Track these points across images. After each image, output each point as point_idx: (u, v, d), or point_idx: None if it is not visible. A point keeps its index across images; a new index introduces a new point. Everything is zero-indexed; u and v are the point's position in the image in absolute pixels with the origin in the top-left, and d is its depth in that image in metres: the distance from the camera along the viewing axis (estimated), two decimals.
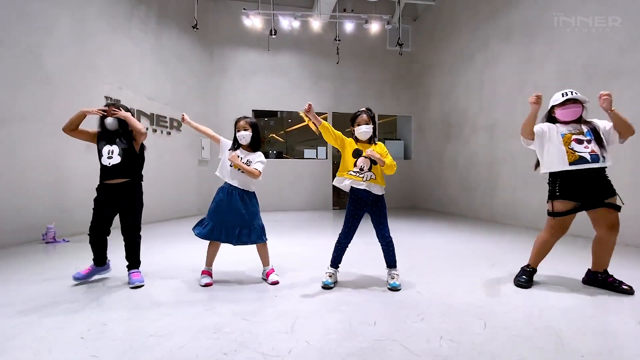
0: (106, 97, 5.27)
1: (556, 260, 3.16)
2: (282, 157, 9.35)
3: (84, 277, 2.57)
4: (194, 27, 6.68)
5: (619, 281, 2.36)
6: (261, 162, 2.64)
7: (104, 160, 2.56)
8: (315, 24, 7.80)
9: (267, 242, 2.70)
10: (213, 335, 1.70)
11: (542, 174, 2.54)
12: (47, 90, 4.47)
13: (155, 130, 6.37)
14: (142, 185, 2.72)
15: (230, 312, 2.00)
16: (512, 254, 3.57)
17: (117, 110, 2.62)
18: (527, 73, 5.48)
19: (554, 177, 2.45)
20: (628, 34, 4.02)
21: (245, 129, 2.63)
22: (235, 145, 2.67)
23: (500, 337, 1.68)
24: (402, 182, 8.98)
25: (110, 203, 2.57)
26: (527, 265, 2.59)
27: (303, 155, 9.38)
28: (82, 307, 2.09)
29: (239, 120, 2.68)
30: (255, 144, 2.69)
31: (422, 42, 9.09)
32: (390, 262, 2.57)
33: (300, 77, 8.89)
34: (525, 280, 2.49)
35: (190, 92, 7.54)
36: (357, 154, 2.49)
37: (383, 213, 2.52)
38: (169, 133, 6.77)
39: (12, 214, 4.05)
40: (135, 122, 2.63)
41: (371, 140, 2.58)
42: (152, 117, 6.31)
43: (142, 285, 2.51)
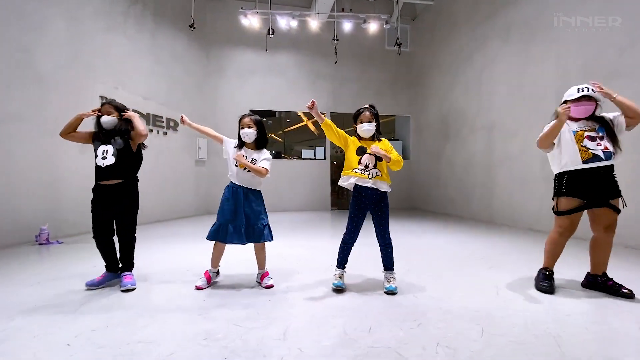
0: (101, 97, 5.22)
1: (558, 263, 3.12)
2: (281, 157, 9.31)
3: (97, 284, 2.49)
4: (190, 27, 6.62)
5: (619, 285, 2.32)
6: (267, 159, 2.58)
7: (98, 160, 2.51)
8: (313, 24, 7.76)
9: (268, 242, 2.63)
10: (203, 341, 1.65)
11: (541, 174, 2.50)
12: (41, 90, 4.42)
13: (151, 131, 6.31)
14: (138, 186, 2.67)
15: (222, 317, 1.95)
16: (510, 256, 3.53)
17: (114, 109, 2.57)
18: (526, 73, 5.45)
19: (562, 173, 2.41)
20: (628, 34, 3.98)
21: (249, 127, 2.56)
22: (239, 143, 2.60)
23: (498, 343, 1.64)
24: (401, 183, 8.93)
25: (106, 204, 2.52)
26: (545, 268, 2.50)
27: (301, 156, 9.34)
28: (72, 311, 2.04)
29: (243, 118, 2.60)
30: (261, 141, 2.63)
31: (421, 42, 9.06)
32: (388, 265, 2.52)
33: (298, 77, 8.84)
34: (548, 285, 2.39)
35: (187, 92, 7.49)
36: (361, 151, 2.45)
37: (385, 214, 2.48)
38: (165, 133, 6.72)
39: (5, 214, 4.00)
40: (139, 123, 2.58)
41: (374, 138, 2.54)
42: (148, 117, 6.26)
43: (134, 289, 2.46)
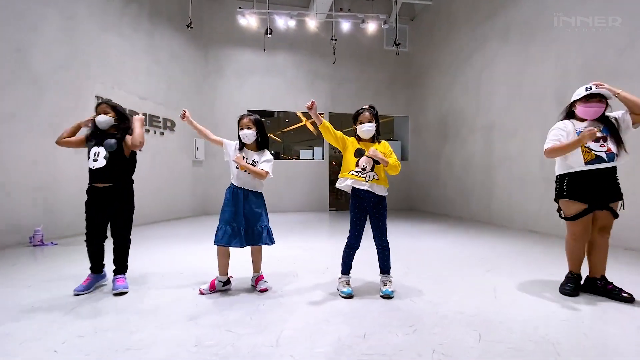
0: (97, 97, 5.17)
1: (555, 265, 3.09)
2: (279, 158, 9.26)
3: (85, 289, 2.42)
4: (188, 26, 6.57)
5: (619, 289, 2.29)
6: (267, 161, 2.51)
7: (90, 162, 2.47)
8: (312, 24, 7.72)
9: (267, 245, 2.53)
10: (193, 348, 1.61)
11: (540, 175, 2.46)
12: (36, 90, 4.37)
13: (148, 131, 6.27)
14: (132, 188, 2.62)
15: (213, 322, 1.91)
16: (508, 259, 3.50)
17: (110, 109, 2.51)
18: (526, 73, 5.41)
19: (563, 175, 2.37)
20: (628, 34, 3.95)
21: (248, 127, 2.48)
22: (240, 144, 2.53)
23: (495, 350, 1.60)
24: (399, 184, 8.90)
25: (100, 206, 2.48)
26: (570, 272, 2.45)
27: (299, 156, 9.30)
28: (61, 316, 2.00)
29: (242, 118, 2.52)
30: (262, 142, 2.55)
31: (420, 42, 9.02)
32: (385, 268, 2.48)
33: (296, 77, 8.80)
34: (570, 288, 2.35)
35: (184, 92, 7.45)
36: (359, 153, 2.40)
37: (383, 216, 2.44)
38: (162, 133, 6.67)
39: None
40: (139, 132, 2.52)
41: (374, 139, 2.50)
42: (145, 117, 6.20)
43: (126, 292, 2.42)
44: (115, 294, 2.37)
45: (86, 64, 5.07)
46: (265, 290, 2.46)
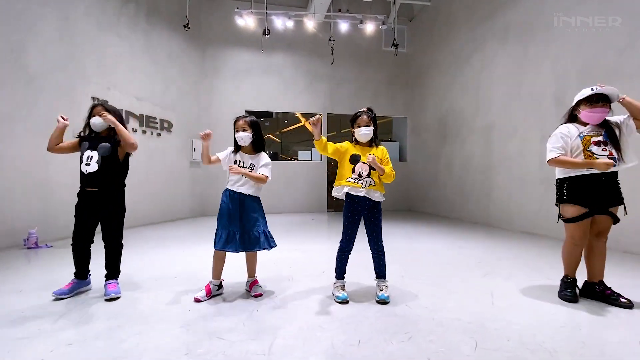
0: (93, 98, 5.13)
1: (553, 269, 3.06)
2: (278, 159, 9.23)
3: (65, 293, 2.39)
4: (185, 27, 6.54)
5: (617, 294, 2.26)
6: (266, 165, 2.46)
7: (82, 166, 2.43)
8: (310, 24, 7.68)
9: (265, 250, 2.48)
10: (184, 357, 1.58)
11: (539, 175, 2.43)
12: (31, 90, 4.34)
13: (144, 132, 6.23)
14: (124, 192, 2.58)
15: (206, 329, 1.88)
16: (507, 261, 3.46)
17: (106, 113, 2.43)
18: (525, 73, 5.38)
19: (563, 179, 2.35)
20: (628, 34, 3.91)
21: (244, 130, 2.42)
22: (235, 147, 2.48)
23: (492, 358, 1.57)
24: (398, 185, 8.85)
25: (91, 210, 2.44)
26: (566, 277, 2.41)
27: (298, 157, 9.27)
28: (51, 323, 1.97)
29: (237, 120, 2.46)
30: (258, 144, 2.50)
31: (418, 43, 8.98)
32: (380, 273, 2.45)
33: (294, 77, 8.76)
34: (571, 294, 2.32)
35: (181, 92, 7.41)
36: (354, 159, 2.37)
37: (378, 221, 2.41)
38: (159, 134, 6.64)
39: None
40: (124, 132, 2.43)
41: (372, 143, 2.46)
42: (142, 118, 6.18)
43: (118, 298, 2.39)
44: (107, 300, 2.34)
45: (82, 64, 5.03)
46: (260, 295, 2.43)
